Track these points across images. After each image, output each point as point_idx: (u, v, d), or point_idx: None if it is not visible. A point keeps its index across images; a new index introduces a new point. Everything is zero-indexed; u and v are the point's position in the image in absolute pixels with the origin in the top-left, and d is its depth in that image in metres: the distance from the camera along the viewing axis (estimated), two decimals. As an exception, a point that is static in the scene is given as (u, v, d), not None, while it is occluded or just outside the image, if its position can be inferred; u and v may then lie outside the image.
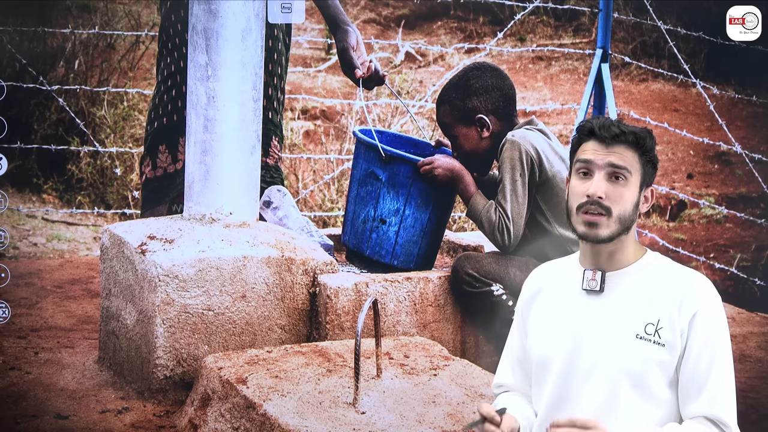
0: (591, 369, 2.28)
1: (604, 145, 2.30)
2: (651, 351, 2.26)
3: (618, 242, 2.32)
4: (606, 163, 2.29)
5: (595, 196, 2.28)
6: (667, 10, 9.92)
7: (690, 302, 2.27)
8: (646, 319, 2.27)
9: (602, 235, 2.29)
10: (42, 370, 3.61)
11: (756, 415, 3.64)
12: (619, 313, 2.29)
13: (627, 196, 2.30)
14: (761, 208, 8.29)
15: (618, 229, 2.30)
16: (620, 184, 2.29)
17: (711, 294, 2.30)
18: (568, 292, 2.36)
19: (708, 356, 2.24)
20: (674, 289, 2.28)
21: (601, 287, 2.32)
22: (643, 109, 9.93)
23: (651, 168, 2.34)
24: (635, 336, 2.27)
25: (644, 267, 2.33)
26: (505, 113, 3.67)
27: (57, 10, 8.80)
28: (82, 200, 7.86)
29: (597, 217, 2.28)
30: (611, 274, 2.33)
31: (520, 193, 3.52)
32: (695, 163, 9.36)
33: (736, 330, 4.50)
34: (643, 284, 2.31)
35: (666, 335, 2.25)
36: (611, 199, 2.28)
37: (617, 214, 2.29)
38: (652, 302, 2.28)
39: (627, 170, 2.29)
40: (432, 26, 12.38)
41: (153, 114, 4.11)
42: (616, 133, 2.30)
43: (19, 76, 7.12)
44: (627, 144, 2.30)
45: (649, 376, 2.26)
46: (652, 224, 8.38)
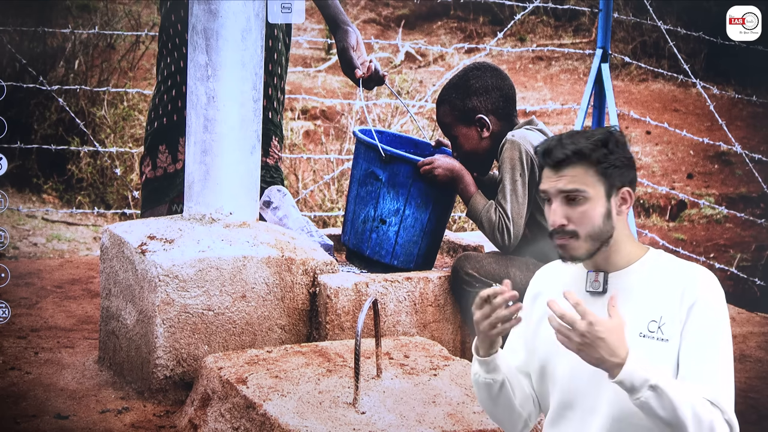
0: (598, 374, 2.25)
1: (554, 171, 2.29)
2: (655, 348, 2.25)
3: (607, 249, 2.31)
4: (557, 191, 2.28)
5: (555, 225, 2.28)
6: (667, 10, 9.92)
7: (689, 294, 2.26)
8: (649, 317, 2.27)
9: (576, 255, 2.29)
10: (42, 370, 3.61)
11: (756, 415, 3.64)
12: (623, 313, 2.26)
13: (590, 213, 2.27)
14: (761, 208, 8.29)
15: (593, 245, 2.29)
16: (579, 204, 2.27)
17: (711, 286, 2.28)
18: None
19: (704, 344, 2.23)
20: (675, 284, 2.28)
21: (604, 288, 2.32)
22: (643, 109, 9.93)
23: (617, 171, 2.29)
24: (639, 335, 2.27)
25: (646, 265, 2.33)
26: (505, 113, 3.67)
27: (57, 10, 8.80)
28: (82, 200, 7.86)
29: (567, 241, 2.28)
30: (614, 275, 2.32)
31: (520, 193, 3.52)
32: (695, 163, 9.36)
33: (736, 330, 4.50)
34: (645, 282, 2.31)
35: (668, 330, 2.26)
36: (574, 222, 2.27)
37: (585, 233, 2.27)
38: (655, 299, 2.28)
39: (580, 190, 2.27)
40: (432, 26, 12.38)
41: (153, 114, 4.11)
42: (560, 158, 2.27)
43: (19, 76, 7.12)
44: (574, 164, 2.27)
45: None
46: (652, 224, 8.38)
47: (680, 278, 2.28)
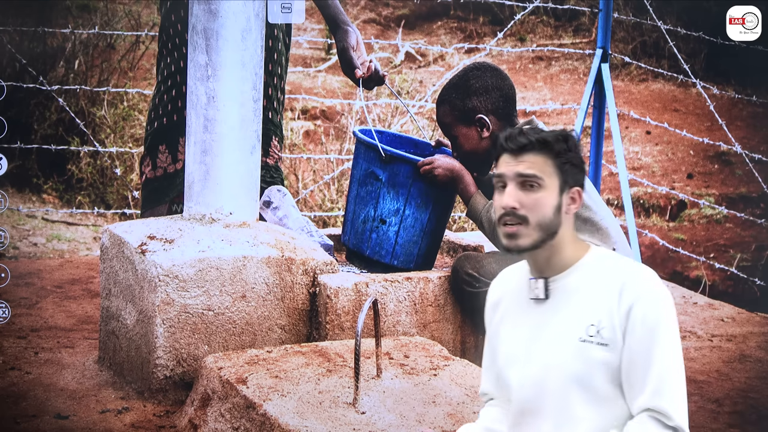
0: (542, 379, 2.28)
1: (513, 156, 2.30)
2: (595, 352, 2.24)
3: (550, 248, 2.30)
4: (515, 173, 2.29)
5: (508, 207, 2.28)
6: (667, 10, 9.92)
7: (627, 295, 2.24)
8: (588, 321, 2.26)
9: (523, 244, 2.28)
10: (42, 370, 3.62)
11: (756, 415, 3.64)
12: (564, 319, 2.28)
13: (543, 201, 2.28)
14: (761, 208, 8.29)
15: (540, 236, 2.28)
16: (534, 190, 2.28)
17: (649, 284, 2.26)
18: (519, 302, 2.37)
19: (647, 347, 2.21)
20: (612, 285, 2.26)
21: (545, 294, 2.31)
22: (643, 109, 9.93)
23: (573, 169, 2.31)
24: (578, 339, 2.25)
25: (586, 266, 2.31)
26: (505, 113, 3.67)
27: (57, 10, 8.80)
28: (82, 200, 7.86)
29: (515, 228, 2.28)
30: (554, 279, 2.32)
31: (520, 193, 3.51)
32: (695, 163, 9.37)
33: (736, 330, 4.50)
34: (585, 284, 2.29)
35: (607, 334, 2.24)
36: (526, 207, 2.27)
37: (535, 221, 2.27)
38: (594, 302, 2.26)
39: (537, 177, 2.28)
40: (432, 26, 12.38)
41: (153, 114, 4.11)
42: (523, 142, 2.30)
43: (19, 76, 7.12)
44: (535, 151, 2.29)
45: (598, 379, 2.24)
46: (652, 224, 8.38)
47: (617, 279, 2.26)
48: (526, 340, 2.31)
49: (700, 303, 4.87)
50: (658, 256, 7.75)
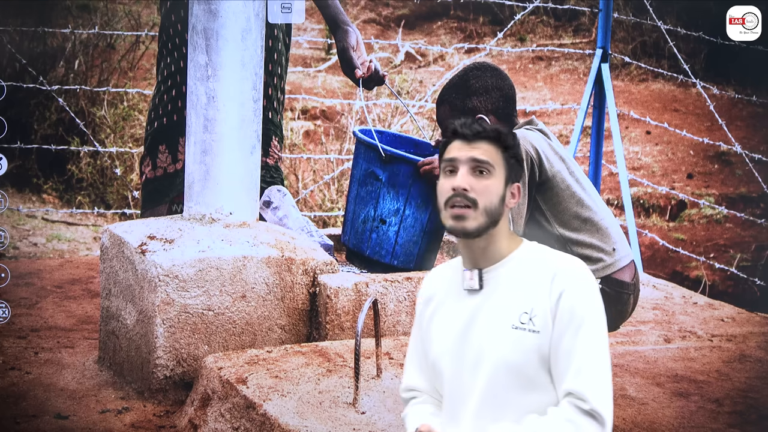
0: (475, 365, 2.35)
1: (467, 142, 2.38)
2: (527, 339, 2.31)
3: (489, 237, 2.37)
4: (469, 158, 2.36)
5: (459, 189, 2.34)
6: (667, 10, 9.92)
7: (557, 283, 2.32)
8: (521, 309, 2.33)
9: (469, 227, 2.35)
10: (42, 370, 3.61)
11: (756, 415, 3.64)
12: (497, 307, 2.36)
13: (492, 188, 2.36)
14: (761, 208, 8.29)
15: (485, 221, 2.35)
16: (484, 177, 2.36)
17: (580, 275, 2.34)
18: (454, 294, 2.43)
19: (572, 334, 2.29)
20: (544, 275, 2.34)
21: (479, 285, 2.38)
22: (643, 109, 9.93)
23: (516, 165, 2.42)
24: (511, 327, 2.33)
25: (519, 258, 2.39)
26: (505, 113, 3.67)
27: (57, 10, 8.80)
28: (82, 200, 7.86)
29: (464, 210, 2.34)
30: (488, 270, 2.39)
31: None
32: (695, 163, 9.36)
33: (736, 330, 4.50)
34: (518, 275, 2.37)
35: (539, 321, 2.31)
36: (476, 192, 2.35)
37: (483, 206, 2.35)
38: (526, 291, 2.34)
39: (490, 164, 2.36)
40: (432, 26, 12.38)
41: (153, 114, 4.11)
42: (478, 130, 2.38)
43: (19, 76, 7.12)
44: (489, 140, 2.38)
45: (529, 365, 2.31)
46: (652, 224, 8.38)
47: (549, 269, 2.35)
48: (460, 330, 2.38)
49: (700, 303, 4.87)
50: (658, 256, 7.75)
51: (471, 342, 2.36)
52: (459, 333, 2.38)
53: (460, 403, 2.38)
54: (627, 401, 3.65)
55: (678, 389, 3.80)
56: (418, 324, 2.50)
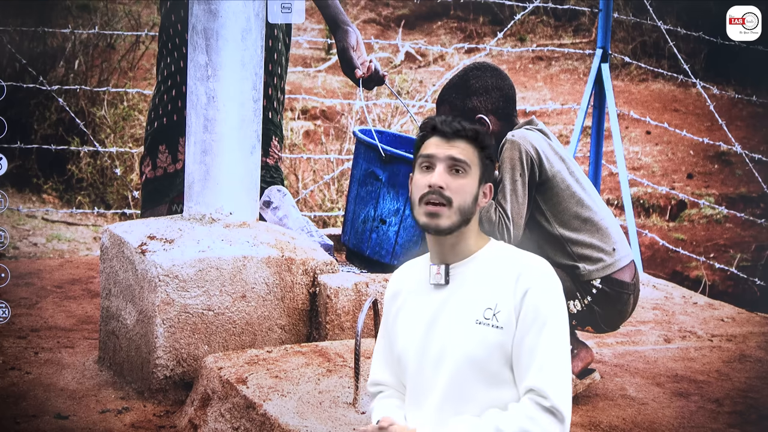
0: (439, 359, 2.38)
1: (446, 140, 2.42)
2: (490, 335, 2.34)
3: (459, 234, 2.41)
4: (447, 156, 2.40)
5: (436, 186, 2.37)
6: (667, 10, 9.92)
7: (522, 281, 2.35)
8: (485, 305, 2.36)
9: (443, 225, 2.38)
10: (42, 370, 3.61)
11: (756, 415, 3.64)
12: (462, 302, 2.38)
13: (467, 188, 2.40)
14: (761, 208, 8.29)
15: (458, 220, 2.39)
16: (460, 176, 2.40)
17: (545, 274, 2.38)
18: (420, 289, 2.46)
19: (536, 332, 2.32)
20: (510, 273, 2.37)
21: (446, 280, 2.41)
22: (643, 109, 9.93)
23: (490, 165, 2.47)
24: (475, 322, 2.35)
25: (485, 255, 2.43)
26: (505, 113, 3.66)
27: (57, 10, 8.81)
28: (82, 200, 7.86)
29: (438, 208, 2.38)
30: (455, 266, 2.43)
31: (520, 193, 3.52)
32: (695, 163, 9.37)
33: (736, 330, 4.50)
34: (484, 271, 2.40)
35: (503, 317, 2.34)
36: (452, 190, 2.38)
37: (457, 204, 2.38)
38: (491, 287, 2.37)
39: (467, 163, 2.40)
40: (432, 26, 12.38)
41: (153, 114, 4.11)
42: (458, 128, 2.43)
43: (19, 76, 7.12)
44: (467, 139, 2.43)
45: (492, 360, 2.34)
46: (652, 224, 8.38)
47: (515, 267, 2.38)
48: (425, 324, 2.41)
49: (700, 303, 4.87)
50: (658, 256, 7.75)
51: (435, 336, 2.39)
52: (424, 327, 2.41)
53: (423, 397, 2.40)
54: (627, 401, 3.65)
55: (678, 389, 3.80)
56: (385, 320, 2.53)
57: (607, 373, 3.90)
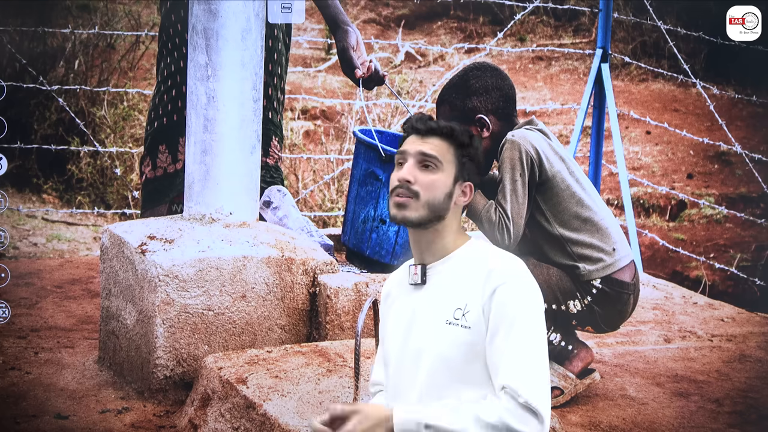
0: (416, 360, 2.39)
1: (420, 137, 2.44)
2: (459, 335, 2.34)
3: (434, 231, 2.42)
4: (417, 152, 2.42)
5: (403, 180, 2.39)
6: (667, 10, 9.92)
7: (492, 280, 2.34)
8: (455, 305, 2.37)
9: (410, 217, 2.40)
10: (42, 370, 3.61)
11: (756, 415, 3.64)
12: (435, 302, 2.39)
13: (437, 183, 2.40)
14: (761, 208, 8.29)
15: (427, 214, 2.40)
16: (430, 171, 2.41)
17: (515, 273, 2.36)
18: (403, 290, 2.49)
19: (506, 330, 2.31)
20: (481, 272, 2.37)
21: (422, 280, 2.43)
22: (643, 109, 9.93)
23: (470, 164, 2.46)
24: (445, 322, 2.36)
25: (462, 254, 2.43)
26: (505, 113, 3.66)
27: (57, 10, 8.81)
28: (82, 200, 7.86)
29: (405, 199, 2.39)
30: (432, 265, 2.44)
31: (520, 193, 3.52)
32: (695, 163, 9.37)
33: (736, 330, 4.50)
34: (458, 271, 2.40)
35: (472, 317, 2.34)
36: (420, 184, 2.39)
37: (425, 199, 2.39)
38: (462, 287, 2.37)
39: (437, 159, 2.41)
40: (432, 26, 12.38)
41: (153, 114, 4.11)
42: (431, 126, 2.44)
43: (19, 76, 7.12)
44: (441, 136, 2.44)
45: (464, 360, 2.34)
46: (652, 224, 8.38)
47: (486, 266, 2.37)
48: (405, 325, 2.43)
49: (700, 303, 4.87)
50: (658, 256, 7.75)
51: (413, 337, 2.41)
52: (404, 328, 2.43)
53: (402, 397, 2.42)
54: (627, 401, 3.65)
55: (678, 389, 3.80)
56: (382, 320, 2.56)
57: (607, 373, 3.90)
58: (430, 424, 2.23)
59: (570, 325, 3.64)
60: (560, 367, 3.59)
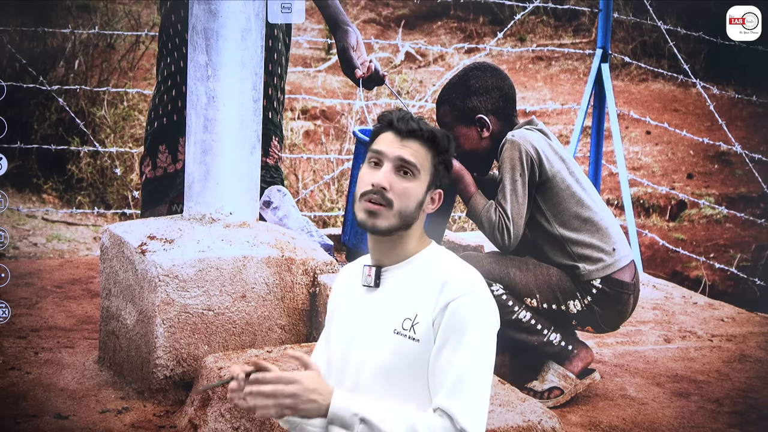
0: (359, 365, 2.28)
1: (399, 138, 2.29)
2: (406, 346, 2.23)
3: (398, 237, 2.29)
4: (396, 156, 2.28)
5: (379, 186, 2.26)
6: (667, 10, 9.92)
7: (446, 293, 2.23)
8: (405, 314, 2.25)
9: (380, 225, 2.26)
10: (42, 370, 3.61)
11: (756, 415, 3.64)
12: (385, 309, 2.28)
13: (412, 192, 2.28)
14: (761, 208, 8.30)
15: (397, 223, 2.27)
16: (407, 179, 2.28)
17: (470, 287, 2.24)
18: (354, 289, 2.37)
19: (452, 347, 2.20)
20: (435, 281, 2.25)
21: (376, 282, 2.31)
22: (643, 109, 9.93)
23: (443, 171, 2.33)
24: (393, 331, 2.25)
25: (417, 261, 2.31)
26: (505, 113, 3.67)
27: (57, 10, 8.81)
28: (82, 200, 7.86)
29: (378, 207, 2.26)
30: (388, 269, 2.32)
31: (520, 193, 3.52)
32: (695, 163, 9.37)
33: (736, 330, 4.50)
34: (412, 278, 2.29)
35: (421, 330, 2.23)
36: (395, 192, 2.26)
37: (398, 208, 2.26)
38: (414, 296, 2.26)
39: (416, 166, 2.28)
40: (432, 26, 12.38)
41: (153, 114, 4.11)
42: (413, 128, 2.29)
43: (19, 76, 7.12)
44: (422, 141, 2.30)
45: (407, 372, 2.24)
46: (652, 224, 8.38)
47: (441, 277, 2.26)
48: (353, 327, 2.31)
49: (700, 303, 4.87)
50: (658, 256, 7.75)
51: (358, 342, 2.29)
52: (351, 330, 2.32)
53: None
54: (627, 401, 3.65)
55: (678, 389, 3.80)
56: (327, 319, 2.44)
57: (607, 373, 3.90)
58: (366, 419, 2.14)
59: (570, 325, 3.64)
60: (560, 367, 3.59)
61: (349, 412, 2.14)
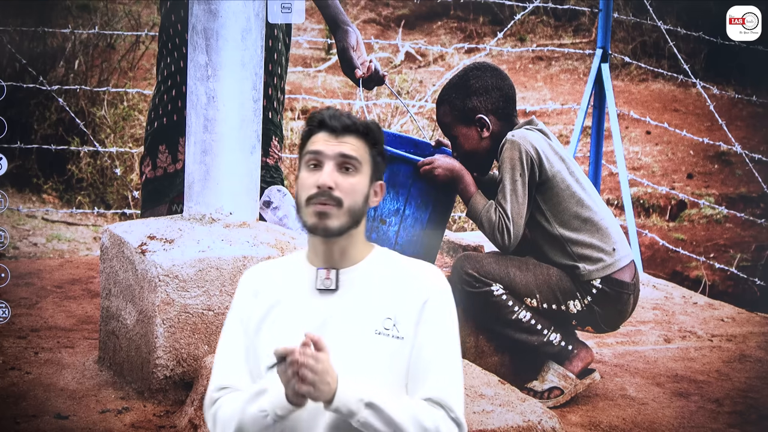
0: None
1: (335, 136, 2.27)
2: (390, 345, 2.24)
3: (348, 237, 2.27)
4: (336, 154, 2.25)
5: (325, 186, 2.22)
6: (667, 10, 9.92)
7: (421, 292, 2.26)
8: (383, 314, 2.25)
9: (332, 226, 2.23)
10: (42, 370, 3.61)
11: (756, 415, 3.64)
12: (357, 311, 2.26)
13: (358, 187, 2.27)
14: (761, 208, 8.30)
15: (348, 221, 2.25)
16: (351, 174, 2.26)
17: (440, 284, 2.30)
18: (299, 293, 2.30)
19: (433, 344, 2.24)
20: (407, 282, 2.27)
21: (336, 285, 2.27)
22: (643, 109, 9.93)
23: (381, 162, 2.34)
24: (375, 332, 2.25)
25: (375, 261, 2.31)
26: (505, 113, 3.67)
27: (57, 10, 8.80)
28: (82, 200, 7.86)
29: (327, 207, 2.22)
30: (344, 271, 2.29)
31: (520, 193, 3.52)
32: (695, 163, 9.37)
33: (736, 330, 4.50)
34: (378, 279, 2.28)
35: (403, 328, 2.25)
36: (342, 190, 2.24)
37: (348, 205, 2.24)
38: (389, 296, 2.27)
39: (358, 161, 2.27)
40: (432, 26, 12.38)
41: (153, 114, 4.11)
42: (347, 123, 2.27)
43: (19, 76, 7.12)
44: (358, 135, 2.28)
45: (387, 370, 2.24)
46: (652, 224, 8.38)
47: (411, 275, 2.28)
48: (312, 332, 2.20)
49: (700, 303, 4.87)
50: (658, 256, 7.75)
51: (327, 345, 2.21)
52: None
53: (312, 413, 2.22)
54: (627, 401, 3.65)
55: (678, 389, 3.80)
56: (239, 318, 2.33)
57: (607, 373, 3.90)
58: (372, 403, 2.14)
59: (570, 325, 3.64)
60: (560, 367, 3.59)
61: (355, 398, 2.14)
